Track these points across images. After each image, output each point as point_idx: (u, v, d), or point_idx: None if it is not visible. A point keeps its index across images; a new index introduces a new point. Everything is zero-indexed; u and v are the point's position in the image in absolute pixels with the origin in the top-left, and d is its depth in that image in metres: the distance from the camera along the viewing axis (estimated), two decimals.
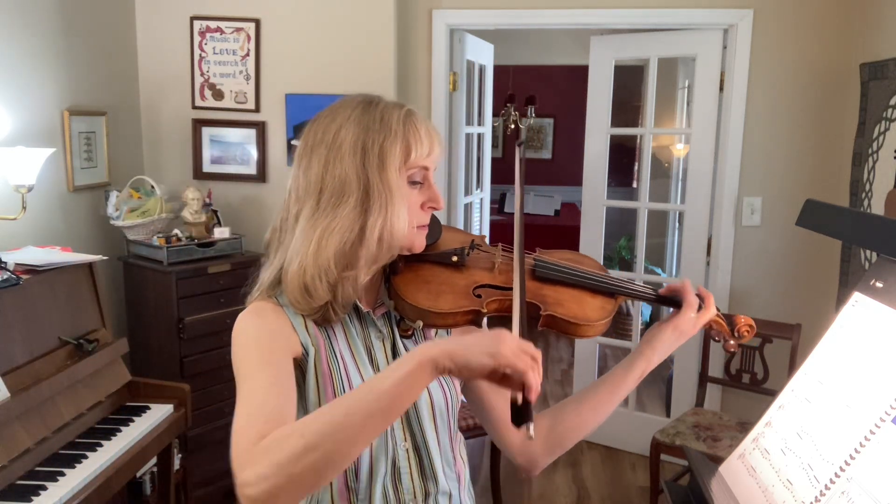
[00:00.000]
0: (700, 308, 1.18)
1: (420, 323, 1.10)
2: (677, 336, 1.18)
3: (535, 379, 0.89)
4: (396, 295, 1.11)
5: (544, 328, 1.12)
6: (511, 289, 1.10)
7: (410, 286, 1.11)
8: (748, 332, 1.22)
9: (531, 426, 0.89)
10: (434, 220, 1.17)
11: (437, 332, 1.21)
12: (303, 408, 1.08)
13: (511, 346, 0.89)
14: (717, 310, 1.21)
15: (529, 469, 1.28)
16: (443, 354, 0.89)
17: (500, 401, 1.25)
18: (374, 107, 1.10)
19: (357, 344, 1.14)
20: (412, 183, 1.10)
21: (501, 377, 0.89)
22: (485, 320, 1.12)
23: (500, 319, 1.09)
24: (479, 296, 1.11)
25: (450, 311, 1.08)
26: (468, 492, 1.22)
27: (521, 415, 0.90)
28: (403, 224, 1.08)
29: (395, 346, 1.17)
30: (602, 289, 1.17)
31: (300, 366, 1.10)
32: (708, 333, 1.23)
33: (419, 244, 1.13)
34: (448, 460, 1.18)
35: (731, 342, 1.23)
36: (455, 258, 1.15)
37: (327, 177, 1.08)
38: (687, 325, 1.17)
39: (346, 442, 0.86)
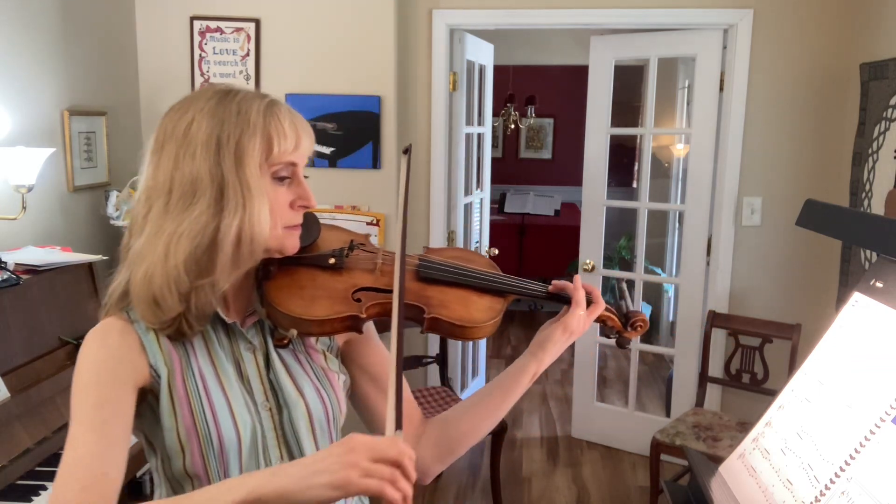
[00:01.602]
0: (589, 304, 1.14)
1: (294, 332, 1.02)
2: (567, 335, 1.13)
3: (392, 493, 0.79)
4: (267, 302, 1.03)
5: (429, 332, 1.07)
6: (392, 291, 1.02)
7: (283, 292, 1.03)
8: (642, 326, 1.19)
9: None
10: (312, 218, 1.10)
11: (318, 340, 1.14)
12: (160, 434, 1.00)
13: (361, 466, 0.79)
14: (608, 304, 1.18)
15: (420, 477, 1.20)
16: (273, 496, 0.80)
17: (385, 407, 1.21)
18: (231, 98, 1.01)
19: (221, 358, 1.04)
20: (278, 179, 1.02)
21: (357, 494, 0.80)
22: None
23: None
24: (358, 300, 1.05)
25: (326, 317, 1.02)
26: (358, 499, 1.17)
27: None
28: (265, 225, 0.99)
29: (269, 357, 1.08)
30: (490, 288, 1.12)
31: (152, 390, 1.00)
32: (601, 330, 1.20)
33: (291, 246, 1.04)
34: None
35: (626, 335, 1.20)
36: (332, 260, 1.08)
37: (177, 175, 0.98)
38: (577, 324, 1.12)
39: None
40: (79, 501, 0.85)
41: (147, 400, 1.01)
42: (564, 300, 1.15)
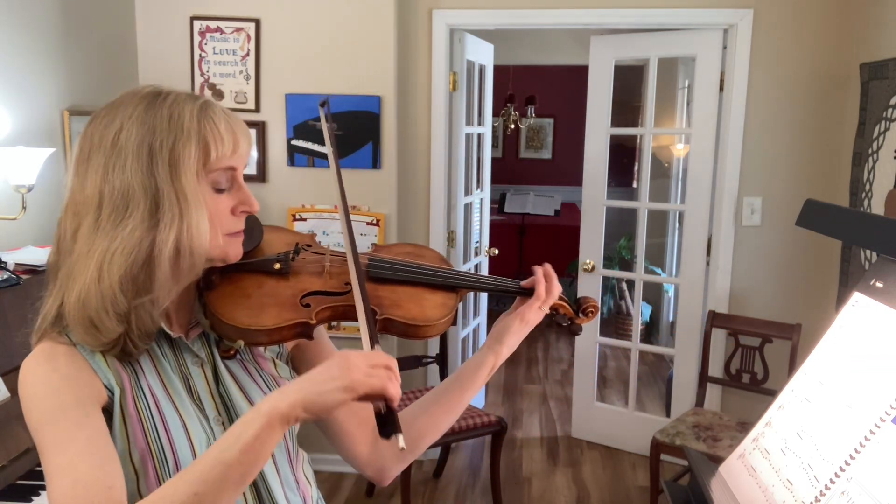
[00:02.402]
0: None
1: (241, 343, 0.98)
2: (524, 326, 1.13)
3: (394, 389, 0.84)
4: (211, 313, 0.98)
5: (383, 333, 1.03)
6: (344, 293, 1.02)
7: (226, 302, 0.98)
8: (593, 311, 1.19)
9: (400, 437, 0.83)
10: (254, 221, 1.05)
11: (266, 349, 1.10)
12: None
13: (362, 370, 0.83)
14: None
15: (380, 479, 1.19)
16: (295, 406, 0.82)
17: (340, 413, 1.14)
18: (162, 101, 0.95)
19: (170, 375, 1.00)
20: (217, 186, 0.97)
21: (362, 396, 0.84)
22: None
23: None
24: (307, 305, 1.01)
25: (274, 326, 0.97)
26: None
27: (387, 425, 0.85)
28: (205, 235, 0.94)
29: (217, 370, 1.04)
30: (442, 284, 1.10)
31: (108, 410, 0.95)
32: (552, 319, 1.19)
33: (234, 253, 1.00)
34: (290, 485, 1.07)
35: (578, 322, 1.20)
36: (278, 265, 1.03)
37: (106, 188, 0.92)
38: (534, 315, 1.13)
39: None
40: None
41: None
42: (522, 293, 1.14)
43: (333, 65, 3.32)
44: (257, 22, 3.32)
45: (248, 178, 3.41)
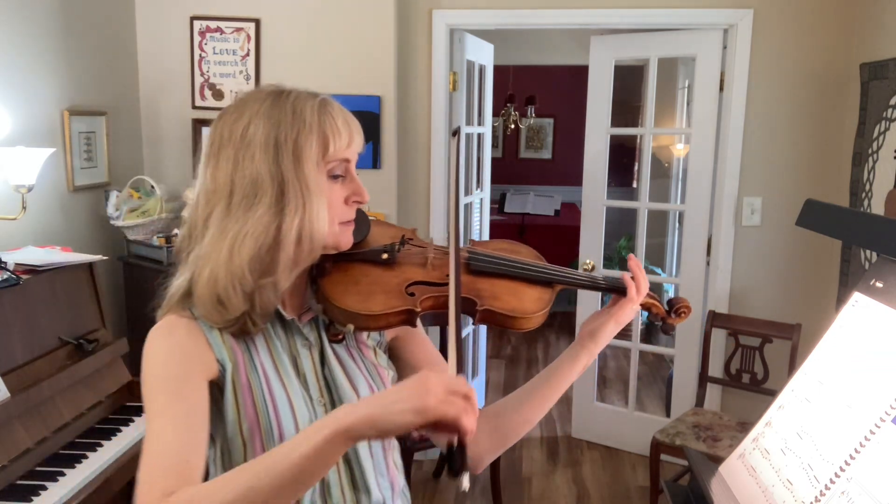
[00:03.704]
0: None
1: (351, 327, 1.04)
2: (617, 326, 1.16)
3: (468, 422, 0.82)
4: (324, 298, 1.05)
5: (481, 323, 1.09)
6: (446, 284, 1.05)
7: (339, 288, 1.05)
8: (685, 311, 1.21)
9: (465, 477, 0.81)
10: (361, 215, 1.12)
11: (369, 335, 1.16)
12: (222, 427, 1.03)
13: (437, 395, 0.81)
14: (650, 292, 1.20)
15: (471, 468, 1.21)
16: (361, 422, 0.82)
17: None
18: (285, 98, 1.03)
19: (280, 354, 1.07)
20: (333, 177, 1.05)
21: (433, 424, 0.82)
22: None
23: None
24: (412, 294, 1.06)
25: (382, 312, 1.03)
26: (402, 497, 1.19)
27: (454, 463, 0.83)
28: (324, 222, 1.02)
29: (324, 353, 1.10)
30: (539, 278, 1.14)
31: (218, 384, 1.03)
32: (647, 316, 1.22)
33: (346, 242, 1.07)
34: (381, 470, 1.13)
35: (670, 322, 1.22)
36: (385, 255, 1.10)
37: (237, 177, 1.00)
38: (627, 316, 1.16)
39: None
40: (164, 487, 0.86)
41: (212, 393, 1.03)
42: (618, 290, 1.16)
43: (333, 65, 3.31)
44: (257, 22, 3.32)
45: None
